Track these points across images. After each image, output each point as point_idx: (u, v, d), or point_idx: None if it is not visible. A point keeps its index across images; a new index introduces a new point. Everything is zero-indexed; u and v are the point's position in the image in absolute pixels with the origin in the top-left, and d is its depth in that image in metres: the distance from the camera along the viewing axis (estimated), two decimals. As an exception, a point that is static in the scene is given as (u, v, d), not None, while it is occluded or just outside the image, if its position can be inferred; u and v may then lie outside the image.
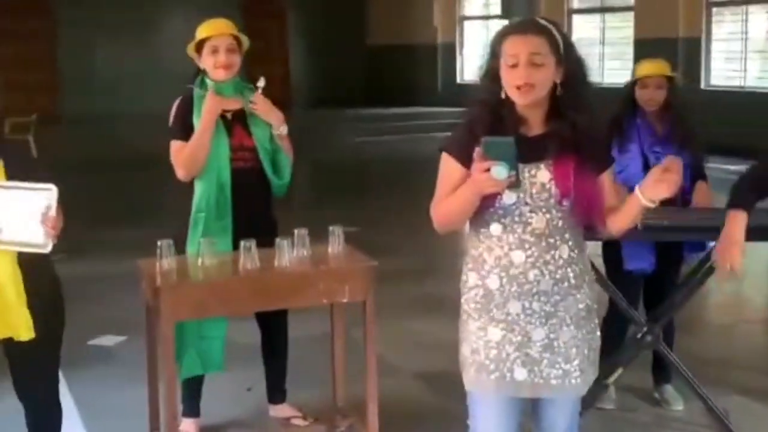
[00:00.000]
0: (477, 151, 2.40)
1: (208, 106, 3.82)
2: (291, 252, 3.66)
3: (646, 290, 4.36)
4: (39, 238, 3.03)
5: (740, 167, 11.74)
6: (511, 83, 2.51)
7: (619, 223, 2.62)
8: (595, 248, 4.14)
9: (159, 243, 3.59)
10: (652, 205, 2.50)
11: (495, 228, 2.58)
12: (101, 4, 17.47)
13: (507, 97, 2.55)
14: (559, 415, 2.71)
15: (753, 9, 13.61)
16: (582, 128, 2.56)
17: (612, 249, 4.22)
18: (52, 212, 3.03)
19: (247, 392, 4.49)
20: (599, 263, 4.23)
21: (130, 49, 18.06)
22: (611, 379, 4.17)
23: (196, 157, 3.82)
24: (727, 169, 11.39)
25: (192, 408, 4.05)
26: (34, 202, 3.03)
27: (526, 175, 2.51)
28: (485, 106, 2.58)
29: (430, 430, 4.13)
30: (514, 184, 2.42)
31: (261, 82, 3.92)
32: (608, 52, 16.00)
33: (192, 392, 4.04)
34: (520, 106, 2.56)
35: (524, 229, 2.56)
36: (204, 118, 3.82)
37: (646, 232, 3.84)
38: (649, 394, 4.50)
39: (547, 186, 2.55)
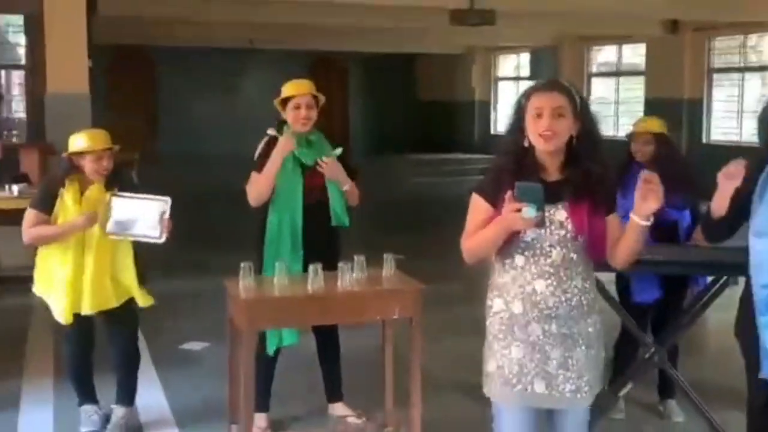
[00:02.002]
0: (509, 193, 2.42)
1: (281, 146, 3.87)
2: (351, 275, 3.69)
3: (654, 316, 4.31)
4: (156, 233, 3.77)
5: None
6: (535, 131, 2.51)
7: (622, 252, 2.57)
8: (610, 278, 4.12)
9: (242, 265, 3.63)
10: (647, 222, 2.47)
11: (519, 260, 2.57)
12: (194, 61, 17.83)
13: (530, 146, 2.55)
14: (572, 424, 2.67)
15: (748, 75, 13.49)
16: (594, 175, 2.56)
17: (623, 281, 4.18)
18: (167, 215, 3.77)
19: (309, 394, 4.47)
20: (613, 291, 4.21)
21: (217, 100, 18.39)
22: (622, 393, 4.12)
23: (262, 189, 3.90)
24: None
25: (263, 404, 4.05)
26: (154, 208, 3.78)
27: (546, 214, 2.49)
28: (510, 155, 2.58)
29: (461, 429, 4.11)
30: (541, 224, 2.44)
31: (338, 151, 3.99)
32: (622, 110, 15.90)
33: (264, 390, 4.05)
34: (540, 154, 2.55)
35: (545, 261, 2.55)
36: (274, 156, 3.87)
37: (650, 265, 3.82)
38: (654, 407, 4.44)
39: (564, 224, 2.54)
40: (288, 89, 3.97)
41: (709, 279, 4.08)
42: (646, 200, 2.44)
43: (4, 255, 7.33)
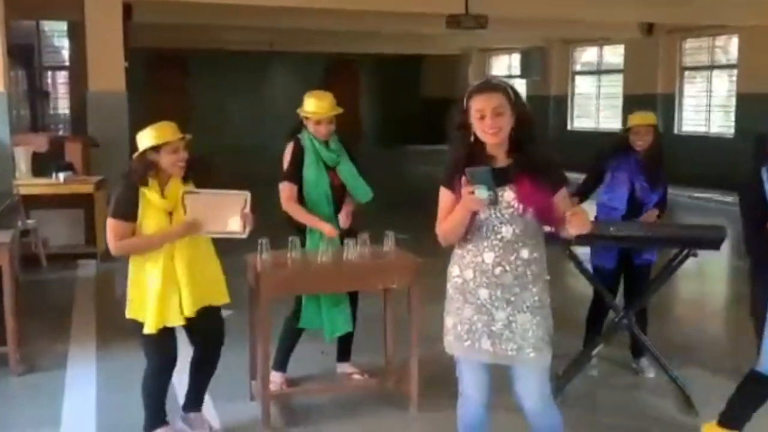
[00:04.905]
0: (464, 179, 2.49)
1: (327, 232, 3.88)
2: (356, 249, 3.74)
3: (625, 285, 4.35)
4: (238, 228, 3.30)
5: (703, 194, 11.45)
6: (482, 130, 2.56)
7: (565, 233, 2.59)
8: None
9: (259, 241, 3.68)
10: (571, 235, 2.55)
11: (474, 236, 2.62)
12: (221, 63, 17.83)
13: (476, 141, 2.59)
14: (526, 381, 2.68)
15: (716, 73, 13.40)
16: (534, 157, 2.60)
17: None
18: (248, 209, 3.30)
19: (321, 355, 4.52)
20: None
21: (242, 98, 18.40)
22: (594, 352, 4.16)
23: (296, 217, 3.94)
24: (691, 195, 11.24)
25: (282, 364, 4.11)
26: (233, 202, 3.31)
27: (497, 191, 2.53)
28: (461, 150, 2.62)
29: (454, 383, 4.10)
30: (494, 201, 2.49)
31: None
32: (602, 104, 15.86)
33: (286, 353, 4.11)
34: (489, 146, 2.60)
35: (495, 236, 2.60)
36: (317, 224, 3.90)
37: (622, 240, 3.88)
38: (626, 365, 4.48)
39: (512, 203, 2.58)
40: (312, 106, 3.90)
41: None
42: (574, 227, 2.49)
43: (52, 235, 7.40)
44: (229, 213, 3.29)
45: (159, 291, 3.24)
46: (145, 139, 3.21)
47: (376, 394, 4.04)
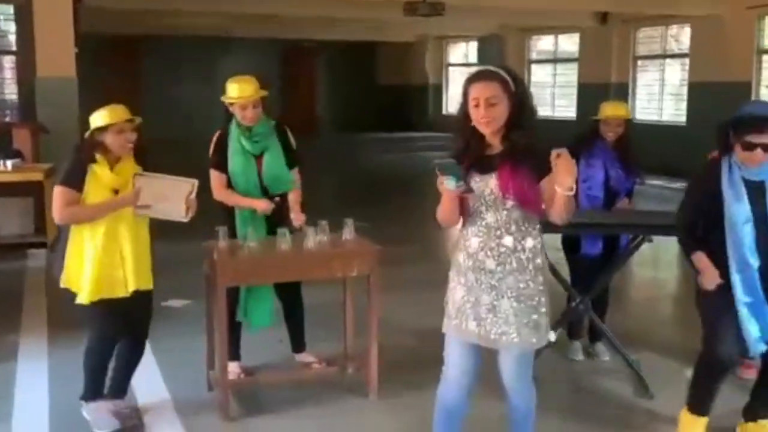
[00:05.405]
0: (436, 170, 2.53)
1: (261, 208, 3.89)
2: (315, 237, 3.72)
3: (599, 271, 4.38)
4: (181, 213, 3.43)
5: (655, 182, 11.70)
6: (476, 119, 2.61)
7: (556, 213, 2.56)
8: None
9: (217, 228, 3.65)
10: (570, 192, 2.46)
11: (467, 221, 2.70)
12: (175, 49, 17.53)
13: (476, 127, 2.63)
14: (508, 362, 2.74)
15: (669, 62, 13.67)
16: (520, 145, 2.60)
17: (572, 238, 4.27)
18: (193, 196, 3.44)
19: (278, 343, 4.46)
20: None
21: (196, 86, 18.09)
22: (552, 338, 4.20)
23: (225, 201, 3.93)
24: (645, 181, 11.47)
25: (235, 354, 4.08)
26: (181, 188, 3.45)
27: (482, 182, 2.60)
28: (461, 136, 2.66)
29: (415, 370, 4.14)
30: (467, 190, 2.56)
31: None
32: (558, 93, 16.05)
33: (234, 342, 4.08)
34: (486, 134, 2.64)
35: (480, 222, 2.66)
36: (250, 204, 3.90)
37: (581, 227, 3.92)
38: (583, 349, 4.54)
39: (494, 190, 2.62)
40: (235, 91, 3.84)
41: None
42: (564, 176, 2.44)
43: (0, 225, 7.21)
44: (176, 197, 3.41)
45: (97, 263, 3.30)
46: (95, 119, 3.34)
47: (335, 381, 4.03)
